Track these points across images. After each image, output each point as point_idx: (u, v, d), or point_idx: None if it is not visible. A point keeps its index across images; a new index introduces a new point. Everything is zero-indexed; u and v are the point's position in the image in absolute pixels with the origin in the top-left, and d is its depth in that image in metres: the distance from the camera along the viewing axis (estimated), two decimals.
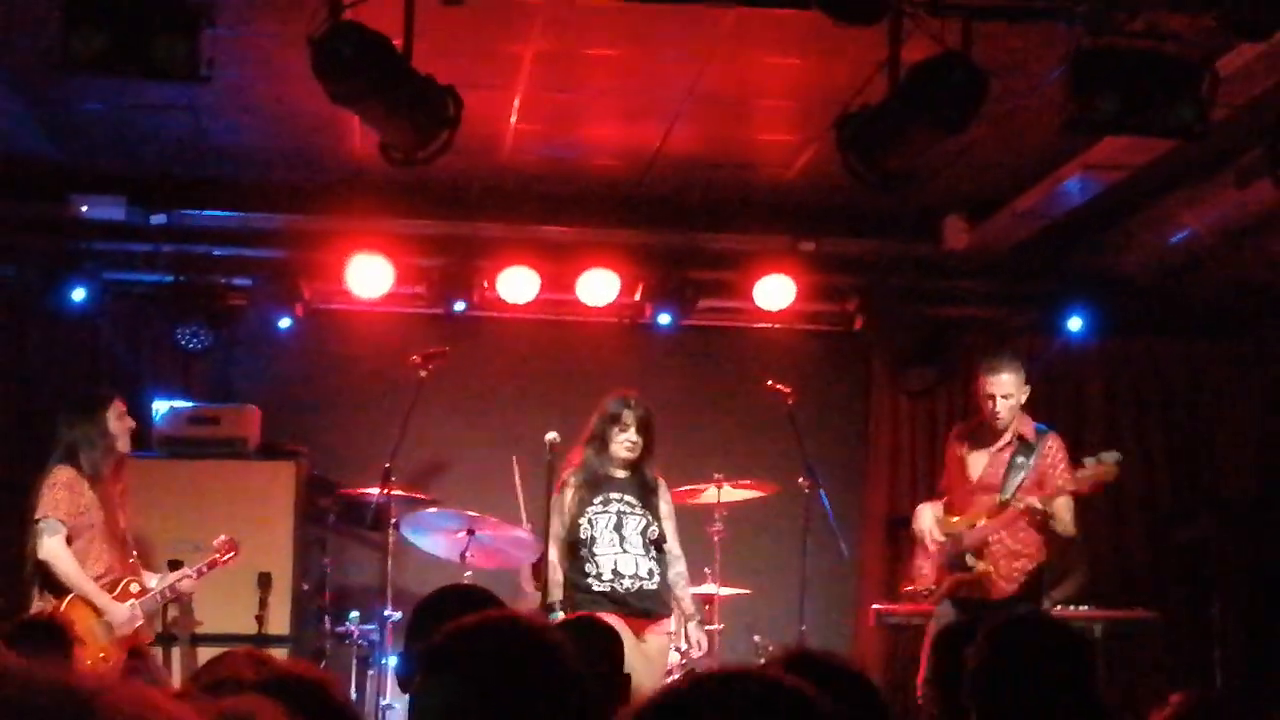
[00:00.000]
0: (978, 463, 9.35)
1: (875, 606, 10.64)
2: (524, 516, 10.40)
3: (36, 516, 8.93)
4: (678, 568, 9.04)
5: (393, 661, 9.40)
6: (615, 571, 8.79)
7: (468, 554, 10.03)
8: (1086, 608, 10.32)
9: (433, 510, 10.33)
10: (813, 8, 6.85)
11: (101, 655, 8.93)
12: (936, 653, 5.55)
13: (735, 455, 10.71)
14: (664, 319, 11.62)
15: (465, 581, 9.51)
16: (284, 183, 11.01)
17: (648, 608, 8.77)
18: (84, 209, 10.75)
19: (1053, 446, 9.19)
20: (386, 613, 9.80)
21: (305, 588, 10.73)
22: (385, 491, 10.07)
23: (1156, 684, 9.84)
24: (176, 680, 9.55)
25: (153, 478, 10.38)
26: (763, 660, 8.11)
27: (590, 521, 8.87)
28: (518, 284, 11.33)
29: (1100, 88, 7.01)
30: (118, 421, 9.27)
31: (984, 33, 7.03)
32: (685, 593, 9.08)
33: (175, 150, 10.38)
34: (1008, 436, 9.22)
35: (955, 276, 11.84)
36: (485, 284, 11.41)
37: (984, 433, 9.33)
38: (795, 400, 9.93)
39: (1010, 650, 4.50)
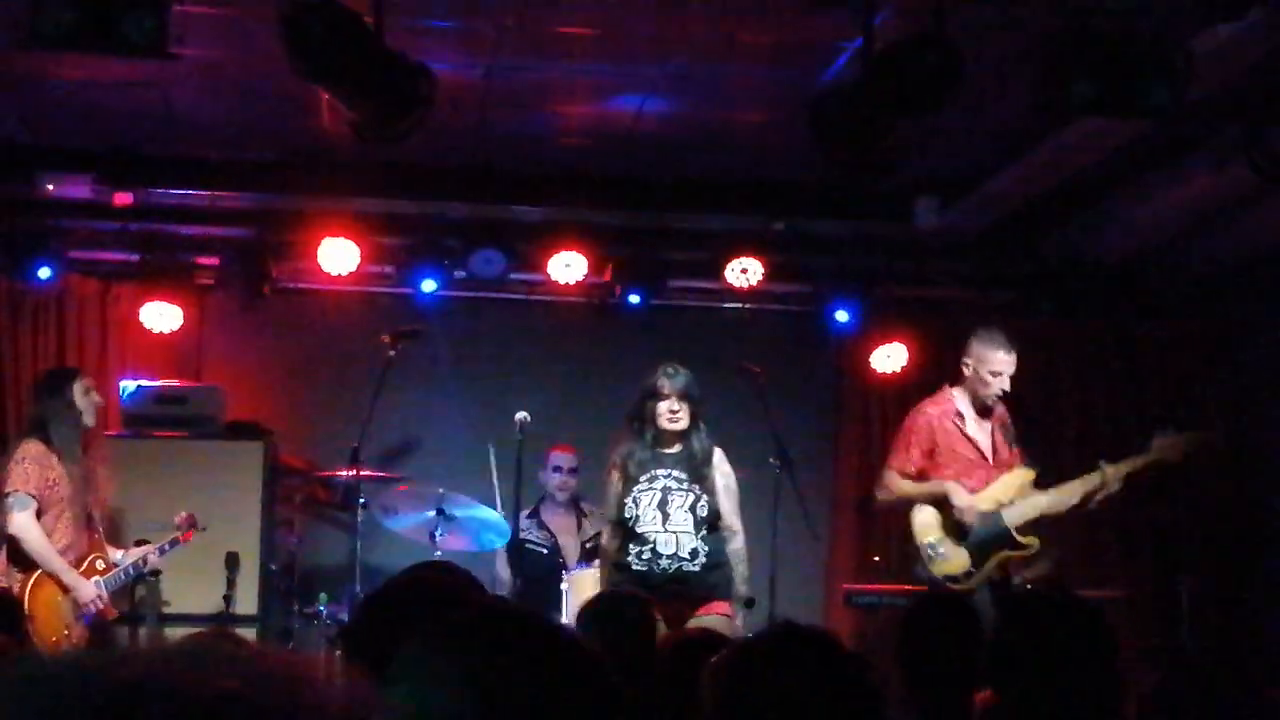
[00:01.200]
0: (982, 437, 9.46)
1: (845, 586, 10.62)
2: (498, 503, 10.38)
3: (6, 491, 8.91)
4: (734, 544, 8.86)
5: None
6: (654, 551, 8.64)
7: (438, 534, 10.02)
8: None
9: (402, 489, 10.31)
10: None
11: (65, 632, 8.92)
12: (905, 632, 5.54)
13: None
14: (634, 299, 11.60)
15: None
16: (252, 161, 10.94)
17: (686, 590, 8.59)
18: (50, 187, 10.68)
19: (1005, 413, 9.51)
20: (355, 592, 9.77)
21: (273, 568, 10.68)
22: (354, 472, 10.04)
23: (1127, 662, 9.85)
24: None
25: (120, 457, 10.32)
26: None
27: (634, 500, 8.73)
28: (487, 263, 11.29)
29: (1074, 68, 7.00)
30: (84, 397, 9.28)
31: (957, 13, 7.00)
32: (740, 572, 8.84)
33: (142, 128, 10.31)
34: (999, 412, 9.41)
35: (927, 257, 11.84)
36: (455, 264, 11.37)
37: (979, 406, 9.44)
38: (766, 380, 9.90)
39: (1030, 625, 4.50)
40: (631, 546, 8.70)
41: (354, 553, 10.02)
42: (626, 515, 8.72)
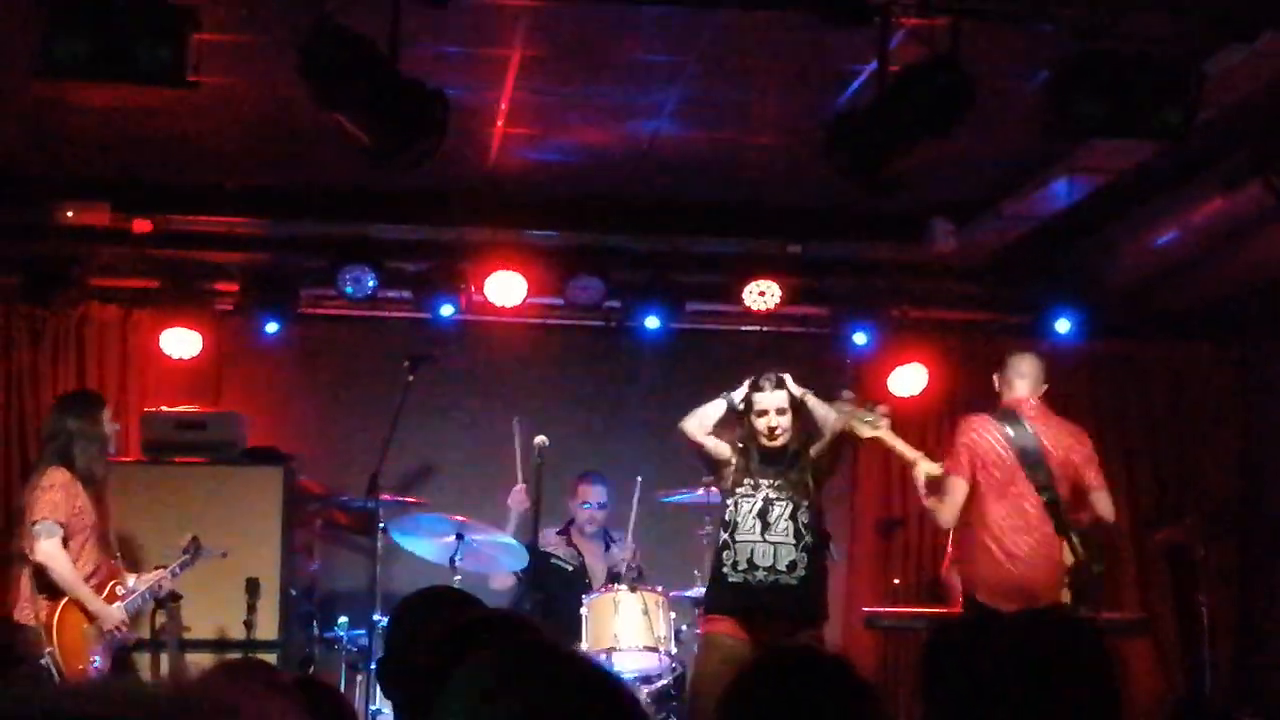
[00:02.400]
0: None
1: (865, 609, 10.62)
2: (520, 476, 10.37)
3: (34, 519, 8.92)
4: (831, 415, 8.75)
5: None
6: (751, 561, 8.52)
7: (457, 558, 10.05)
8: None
9: (421, 514, 10.33)
10: (802, 9, 6.86)
11: (91, 660, 8.94)
12: (928, 658, 5.52)
13: None
14: (652, 322, 11.61)
15: (452, 585, 9.52)
16: (270, 187, 10.99)
17: (781, 607, 8.47)
18: (69, 215, 10.72)
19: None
20: (375, 618, 9.79)
21: (293, 593, 10.71)
22: (373, 496, 10.06)
23: (1147, 685, 9.85)
24: None
25: (140, 483, 10.37)
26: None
27: (736, 504, 8.62)
28: (505, 288, 11.31)
29: (1086, 91, 7.01)
30: (108, 425, 9.32)
31: (971, 36, 7.02)
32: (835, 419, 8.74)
33: (161, 155, 10.35)
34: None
35: (942, 279, 11.85)
36: (473, 288, 11.39)
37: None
38: None
39: (1032, 650, 4.49)
40: (726, 555, 8.59)
41: (373, 577, 10.04)
42: (727, 518, 8.62)
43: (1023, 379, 9.19)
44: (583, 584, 10.52)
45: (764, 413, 8.63)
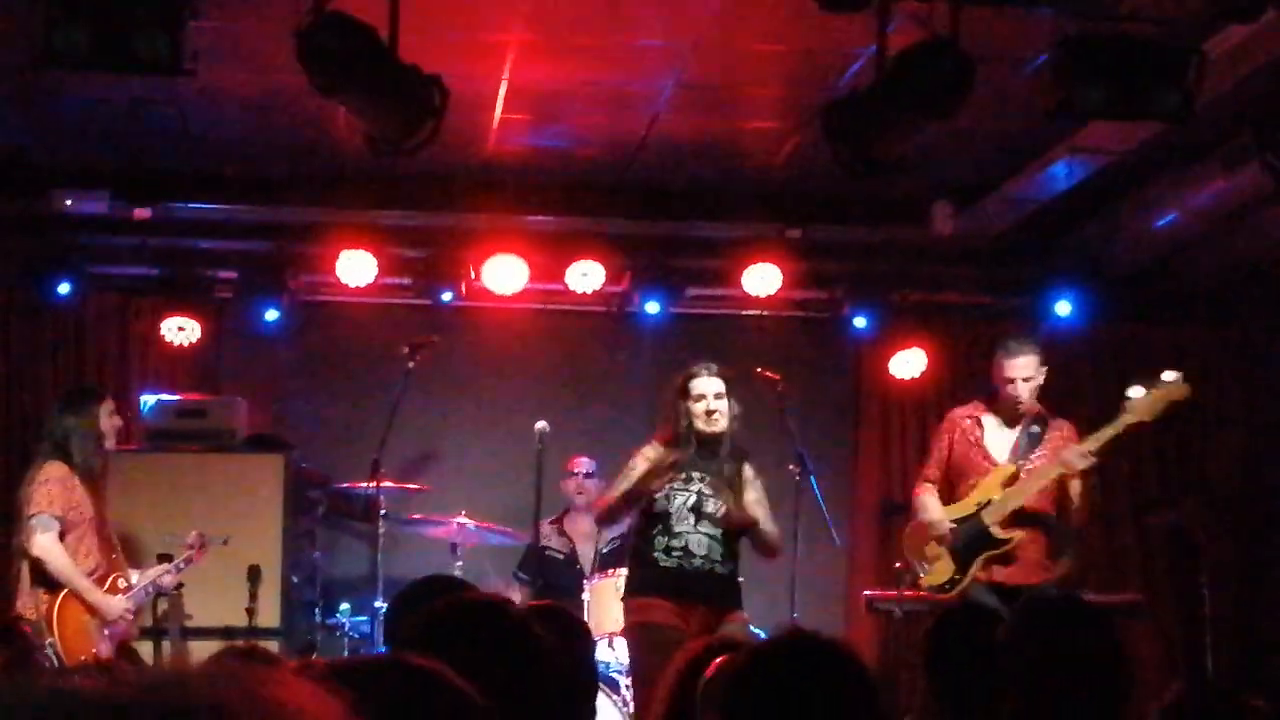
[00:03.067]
0: (1002, 445, 9.33)
1: (866, 593, 10.62)
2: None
3: (31, 512, 8.93)
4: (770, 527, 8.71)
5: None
6: (686, 550, 8.47)
7: (458, 542, 10.10)
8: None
9: (419, 515, 10.41)
10: None
11: (94, 651, 8.95)
12: (931, 643, 5.52)
13: None
14: (652, 307, 11.60)
15: (455, 572, 9.54)
16: (269, 175, 10.99)
17: (713, 593, 8.48)
18: (68, 203, 10.72)
19: (1065, 425, 9.27)
20: (377, 604, 9.82)
21: (295, 580, 10.71)
22: (374, 483, 10.07)
23: (1148, 669, 9.84)
24: None
25: (140, 471, 10.37)
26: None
27: (668, 496, 8.53)
28: (505, 273, 11.30)
29: (1086, 73, 7.00)
30: (108, 419, 9.31)
31: (970, 18, 7.01)
32: (768, 526, 8.70)
33: (159, 143, 10.35)
34: (1029, 418, 9.26)
35: (943, 262, 11.84)
36: (472, 274, 11.39)
37: (1006, 415, 9.32)
38: (784, 387, 9.90)
39: (1041, 631, 4.50)
40: (660, 540, 8.54)
41: (375, 563, 10.05)
42: (657, 509, 8.56)
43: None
44: (575, 570, 10.55)
45: (701, 397, 8.56)
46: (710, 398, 8.55)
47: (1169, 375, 9.03)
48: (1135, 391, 9.04)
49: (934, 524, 9.29)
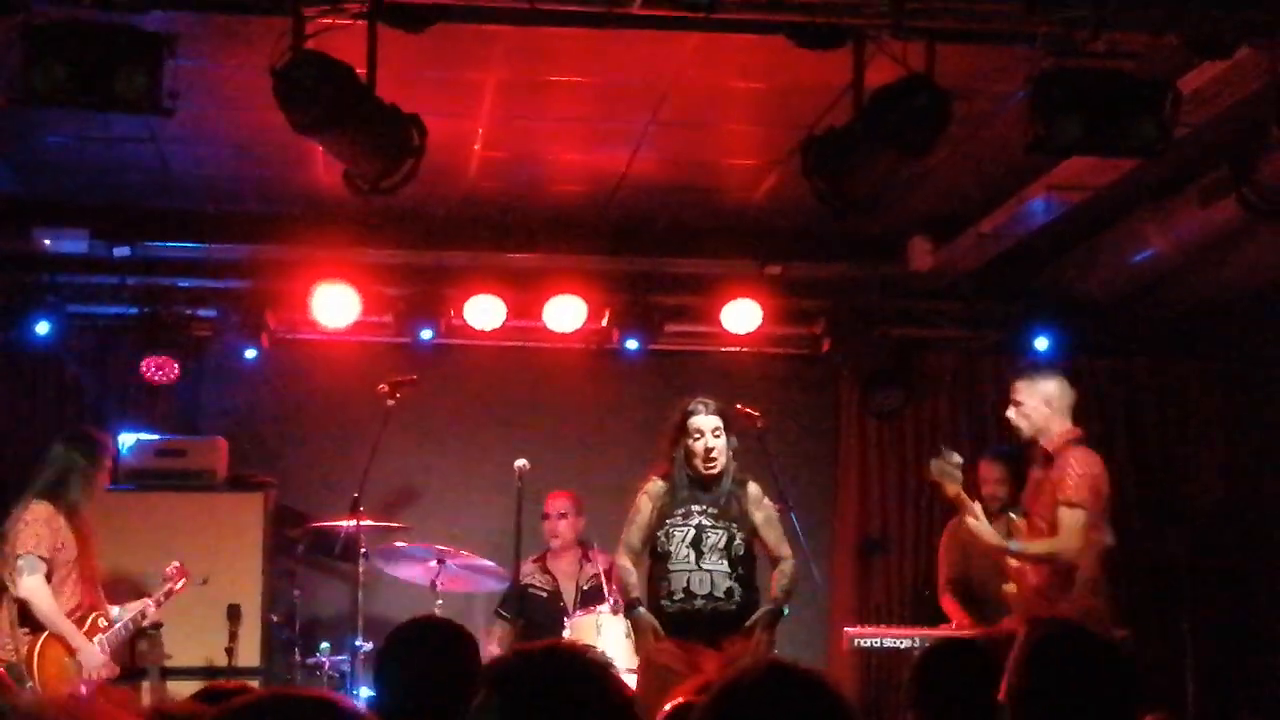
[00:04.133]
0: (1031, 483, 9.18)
1: (847, 630, 10.61)
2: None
3: (17, 552, 8.91)
4: (781, 566, 8.66)
5: (364, 693, 9.36)
6: (687, 590, 8.47)
7: (438, 582, 10.08)
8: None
9: (402, 544, 10.36)
10: (777, 32, 6.87)
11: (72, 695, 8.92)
12: (919, 678, 5.51)
13: None
14: (631, 344, 11.59)
15: (436, 612, 9.53)
16: (248, 213, 10.99)
17: (718, 632, 8.45)
18: (47, 242, 10.71)
19: (1072, 458, 8.82)
20: (357, 643, 9.80)
21: (275, 619, 10.69)
22: (355, 521, 10.05)
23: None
24: None
25: (120, 510, 10.34)
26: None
27: (667, 535, 8.52)
28: (484, 311, 11.30)
29: (1063, 108, 7.02)
30: (105, 471, 9.36)
31: (947, 55, 7.03)
32: (781, 584, 8.63)
33: (138, 182, 10.34)
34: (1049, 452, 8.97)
35: (921, 298, 11.86)
36: (452, 312, 11.38)
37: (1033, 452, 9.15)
38: (764, 424, 9.91)
39: (1053, 664, 4.49)
40: (663, 585, 8.54)
41: (356, 602, 10.03)
42: (659, 550, 8.54)
43: None
44: (558, 608, 10.52)
45: (699, 434, 8.55)
46: (708, 434, 8.54)
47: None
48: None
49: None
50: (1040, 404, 8.92)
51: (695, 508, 8.57)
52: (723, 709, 3.03)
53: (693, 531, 8.51)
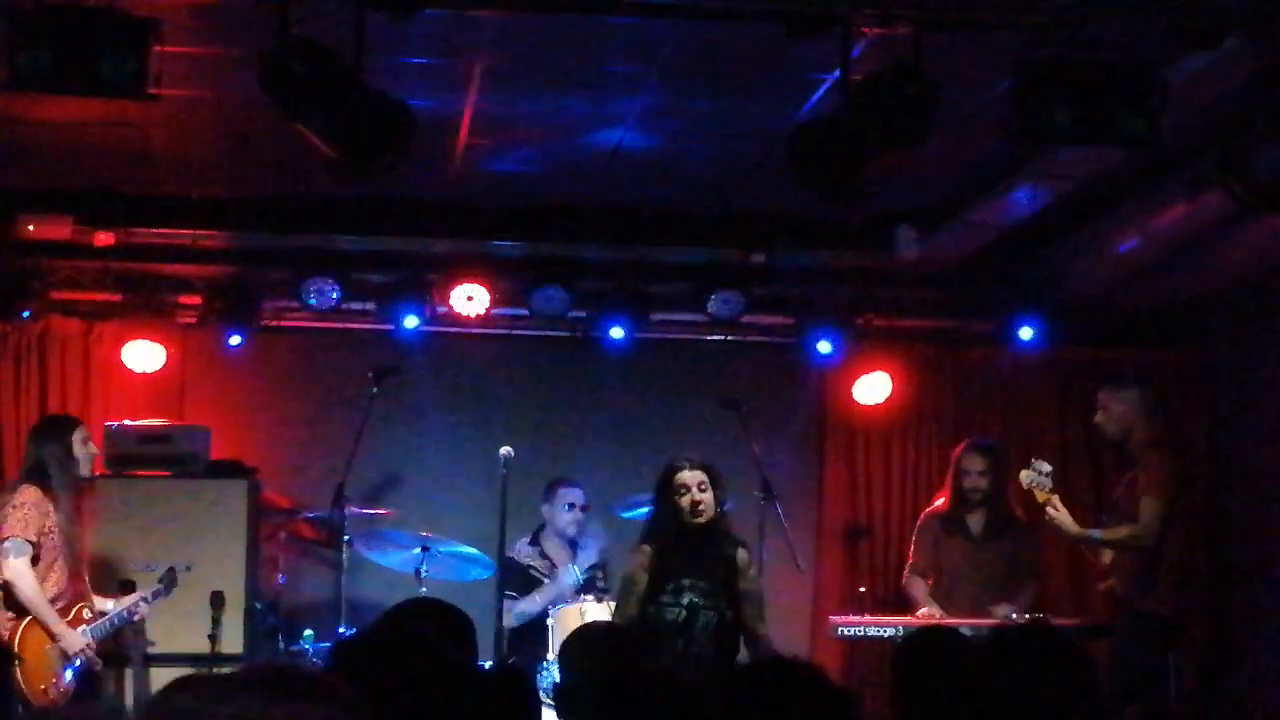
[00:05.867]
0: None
1: (832, 618, 10.62)
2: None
3: (4, 535, 8.91)
4: (757, 649, 8.33)
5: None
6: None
7: (423, 570, 10.07)
8: (1039, 617, 10.34)
9: (386, 531, 10.34)
10: (766, 20, 6.86)
11: (53, 680, 8.91)
12: (898, 666, 5.52)
13: None
14: (616, 332, 11.58)
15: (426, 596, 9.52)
16: (233, 199, 10.95)
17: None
18: (30, 228, 10.68)
19: (1155, 456, 10.07)
20: (341, 630, 9.79)
21: (259, 606, 10.67)
22: (339, 509, 10.05)
23: (1113, 692, 9.86)
24: (129, 702, 9.53)
25: (103, 497, 10.33)
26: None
27: (658, 612, 8.21)
28: (469, 299, 11.28)
29: (1049, 98, 7.02)
30: (82, 447, 9.33)
31: (934, 44, 7.03)
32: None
33: (123, 167, 10.31)
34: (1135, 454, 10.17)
35: (906, 287, 11.86)
36: (437, 299, 11.36)
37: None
38: (749, 412, 9.92)
39: (1015, 663, 4.51)
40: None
41: (339, 590, 10.03)
42: (648, 627, 8.18)
43: None
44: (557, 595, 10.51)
45: (685, 489, 8.27)
46: (694, 489, 8.25)
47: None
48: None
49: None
50: (1128, 409, 10.08)
51: (685, 581, 8.23)
52: (724, 699, 3.04)
53: (684, 613, 8.21)
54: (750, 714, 3.02)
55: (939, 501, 10.68)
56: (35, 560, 8.97)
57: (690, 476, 8.28)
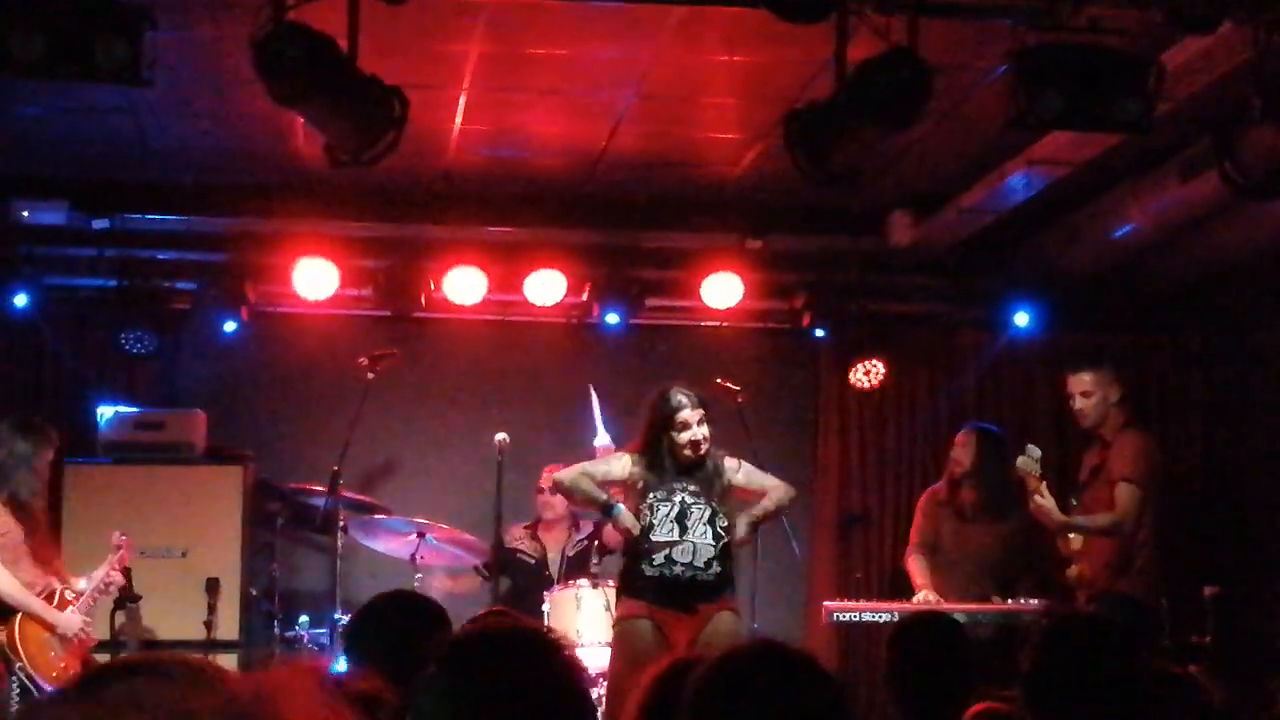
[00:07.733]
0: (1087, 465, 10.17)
1: (826, 604, 10.61)
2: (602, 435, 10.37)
3: None
4: (775, 493, 8.84)
5: (342, 665, 9.35)
6: (669, 558, 8.44)
7: (418, 556, 10.07)
8: (1036, 602, 10.34)
9: (381, 517, 10.35)
10: (759, 5, 6.85)
11: (62, 666, 8.91)
12: (893, 652, 5.53)
13: None
14: (612, 318, 11.58)
15: (415, 586, 9.53)
16: (228, 185, 10.95)
17: (696, 599, 8.45)
18: (25, 214, 10.67)
19: (1129, 439, 9.98)
20: (336, 616, 9.79)
21: (254, 592, 10.67)
22: (334, 495, 10.05)
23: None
24: None
25: (98, 483, 10.33)
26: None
27: (651, 508, 8.50)
28: (464, 285, 11.27)
29: (1045, 83, 7.02)
30: (47, 464, 9.24)
31: (929, 29, 7.02)
32: (771, 498, 8.82)
33: (117, 154, 10.30)
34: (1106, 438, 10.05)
35: (901, 272, 11.85)
36: (432, 285, 11.35)
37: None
38: (744, 398, 9.91)
39: (1062, 651, 4.51)
40: (644, 549, 8.49)
41: (335, 576, 10.03)
42: (641, 521, 8.51)
43: None
44: (543, 576, 10.53)
45: (686, 426, 8.50)
46: (694, 426, 8.50)
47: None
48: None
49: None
50: (1107, 393, 10.00)
51: (678, 485, 8.56)
52: (715, 686, 3.02)
53: (677, 507, 8.51)
54: (740, 700, 3.01)
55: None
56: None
57: (692, 415, 8.51)
